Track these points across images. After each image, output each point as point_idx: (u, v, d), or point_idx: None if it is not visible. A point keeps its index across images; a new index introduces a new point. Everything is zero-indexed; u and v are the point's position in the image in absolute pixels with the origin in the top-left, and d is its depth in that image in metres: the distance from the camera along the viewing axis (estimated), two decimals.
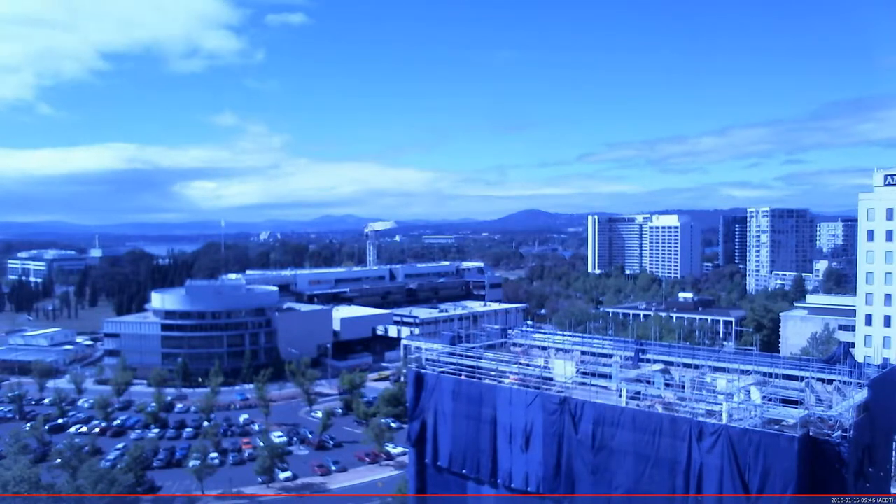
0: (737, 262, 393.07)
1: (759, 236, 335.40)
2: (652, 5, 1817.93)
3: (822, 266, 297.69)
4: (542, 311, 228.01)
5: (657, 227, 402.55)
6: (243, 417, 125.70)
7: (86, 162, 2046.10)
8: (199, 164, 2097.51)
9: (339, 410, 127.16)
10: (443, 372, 40.45)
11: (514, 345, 49.00)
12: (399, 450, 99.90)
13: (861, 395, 31.75)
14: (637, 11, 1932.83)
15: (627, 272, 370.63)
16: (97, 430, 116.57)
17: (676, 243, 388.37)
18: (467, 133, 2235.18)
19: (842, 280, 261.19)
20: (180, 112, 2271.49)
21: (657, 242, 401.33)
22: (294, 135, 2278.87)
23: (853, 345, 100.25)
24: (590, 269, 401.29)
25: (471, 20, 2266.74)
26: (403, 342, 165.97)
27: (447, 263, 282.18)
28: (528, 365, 40.45)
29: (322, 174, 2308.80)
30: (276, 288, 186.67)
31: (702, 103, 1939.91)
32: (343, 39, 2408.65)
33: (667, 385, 37.15)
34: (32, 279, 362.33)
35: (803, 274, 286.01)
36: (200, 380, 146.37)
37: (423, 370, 41.22)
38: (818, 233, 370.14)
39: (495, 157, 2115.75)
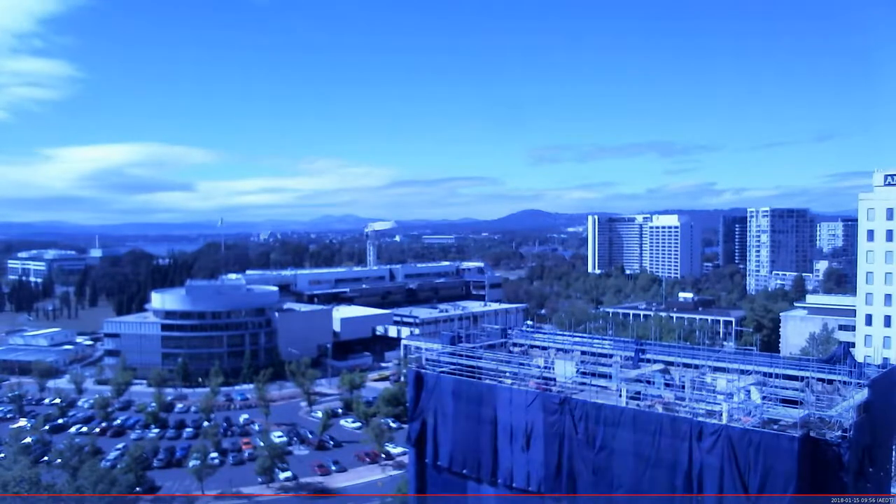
0: (737, 262, 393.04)
1: (759, 236, 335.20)
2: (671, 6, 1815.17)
3: (822, 266, 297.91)
4: (542, 311, 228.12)
5: (657, 227, 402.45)
6: (243, 417, 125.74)
7: (84, 162, 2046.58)
8: (199, 163, 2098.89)
9: (340, 410, 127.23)
10: (443, 372, 40.45)
11: (514, 345, 48.95)
12: (399, 450, 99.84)
13: (861, 395, 31.72)
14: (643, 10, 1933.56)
15: (627, 272, 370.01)
16: (97, 430, 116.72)
17: (676, 243, 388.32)
18: (467, 133, 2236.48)
19: (842, 280, 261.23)
20: (179, 110, 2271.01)
21: (657, 242, 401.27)
22: (294, 134, 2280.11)
23: (853, 345, 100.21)
24: (590, 269, 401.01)
25: (470, 21, 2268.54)
26: (403, 342, 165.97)
27: (447, 263, 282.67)
28: (528, 365, 40.42)
29: (322, 174, 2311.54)
30: (276, 288, 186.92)
31: (703, 103, 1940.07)
32: (343, 40, 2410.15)
33: (667, 385, 37.09)
34: (32, 279, 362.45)
35: (803, 274, 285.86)
36: (200, 380, 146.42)
37: (423, 370, 41.19)
38: (818, 233, 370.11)
39: (495, 158, 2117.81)
